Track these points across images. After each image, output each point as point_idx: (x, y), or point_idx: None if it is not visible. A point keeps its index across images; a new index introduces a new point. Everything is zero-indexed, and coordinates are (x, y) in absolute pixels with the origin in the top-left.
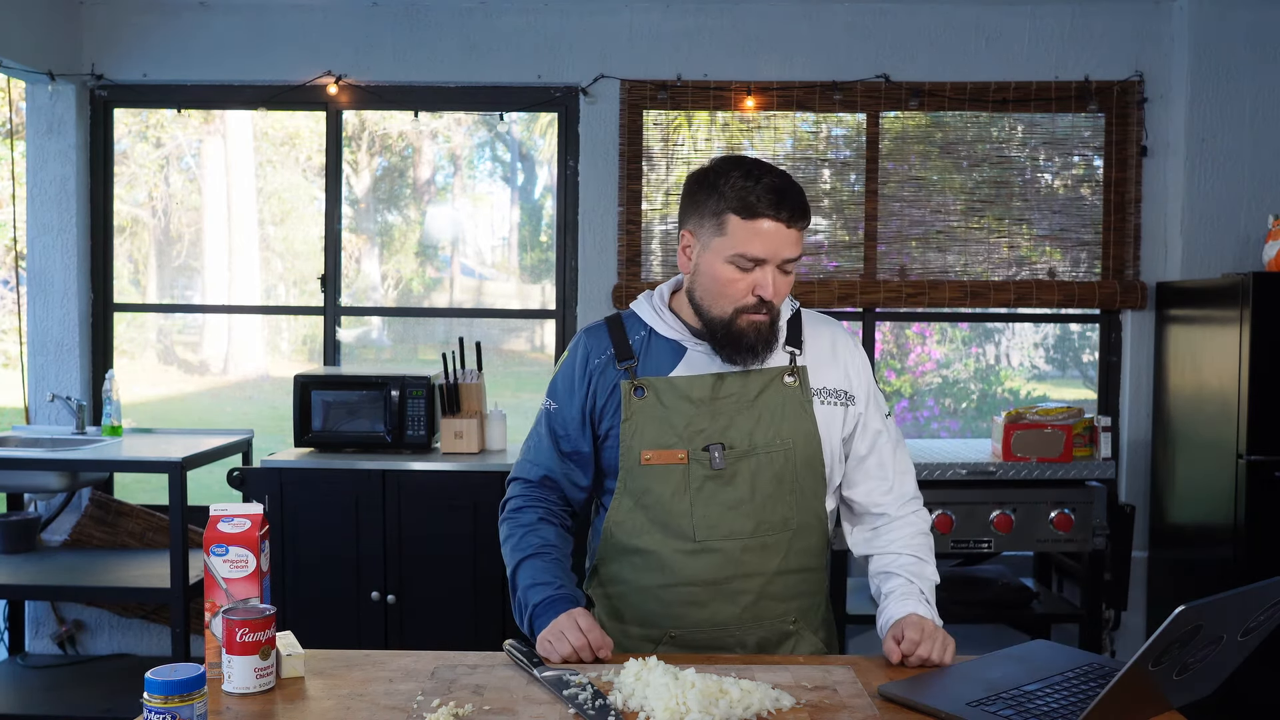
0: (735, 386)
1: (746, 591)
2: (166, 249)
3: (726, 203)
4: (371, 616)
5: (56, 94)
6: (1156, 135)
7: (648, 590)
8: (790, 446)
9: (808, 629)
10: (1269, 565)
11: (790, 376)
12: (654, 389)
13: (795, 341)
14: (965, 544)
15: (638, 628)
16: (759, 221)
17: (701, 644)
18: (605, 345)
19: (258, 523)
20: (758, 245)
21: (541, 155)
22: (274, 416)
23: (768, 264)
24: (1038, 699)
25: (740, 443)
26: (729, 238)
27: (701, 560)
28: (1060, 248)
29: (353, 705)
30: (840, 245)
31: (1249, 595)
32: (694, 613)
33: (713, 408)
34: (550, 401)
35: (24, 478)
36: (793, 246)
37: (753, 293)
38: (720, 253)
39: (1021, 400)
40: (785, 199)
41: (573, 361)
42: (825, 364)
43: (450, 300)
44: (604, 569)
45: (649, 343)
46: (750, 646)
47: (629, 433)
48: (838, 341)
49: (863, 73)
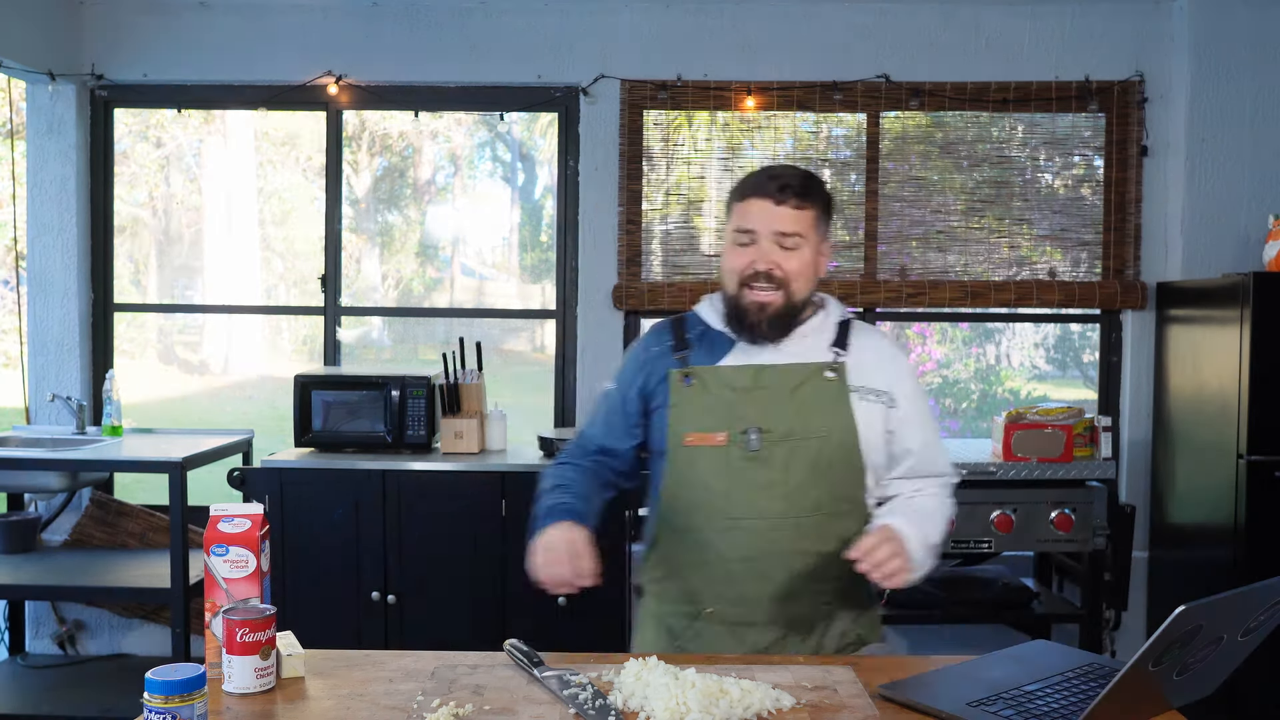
0: (776, 377)
1: (778, 570)
2: (167, 249)
3: (733, 195)
4: (371, 616)
5: (57, 94)
6: (1157, 135)
7: (691, 566)
8: (825, 435)
9: (844, 610)
10: (1269, 565)
11: (831, 372)
12: (700, 377)
13: (842, 344)
14: (965, 544)
15: (681, 605)
16: (749, 201)
17: (735, 619)
18: (666, 337)
19: (258, 523)
20: (748, 219)
21: (542, 155)
22: (274, 416)
23: (759, 235)
24: (1038, 699)
25: (777, 428)
26: (732, 220)
27: (735, 538)
28: (1060, 248)
29: (353, 705)
30: (840, 245)
31: (1249, 595)
32: (729, 589)
33: (753, 395)
34: (610, 383)
35: (24, 478)
36: (786, 221)
37: (751, 265)
38: (729, 236)
39: (1022, 400)
40: (775, 178)
41: (637, 349)
42: (869, 368)
43: (450, 300)
44: (656, 550)
45: (704, 337)
46: (782, 623)
47: (676, 417)
48: (882, 348)
49: (863, 73)
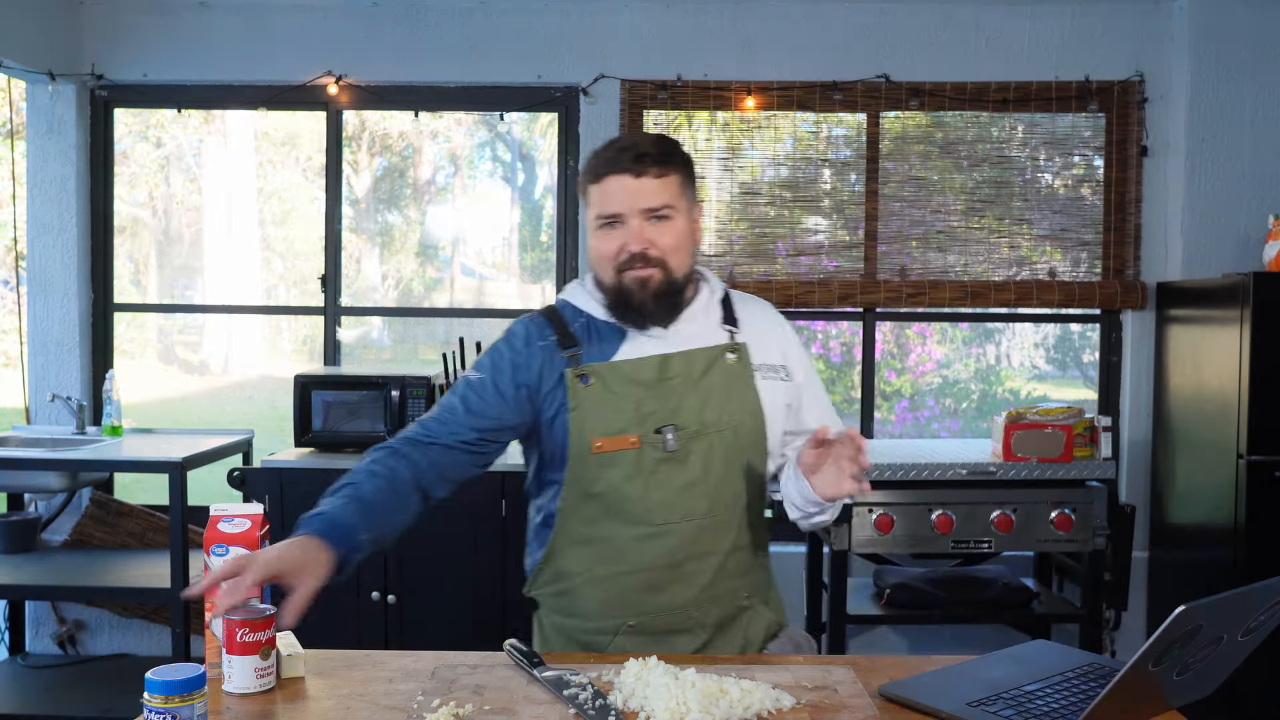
0: (681, 366)
1: (703, 571)
2: (167, 249)
3: (585, 176)
4: (371, 616)
5: (57, 94)
6: (1157, 135)
7: (601, 580)
8: (738, 423)
9: (760, 603)
10: (1269, 565)
11: (732, 354)
12: (599, 375)
13: (731, 320)
14: (965, 544)
15: (593, 621)
16: (605, 180)
17: (661, 629)
18: (549, 331)
19: (258, 523)
20: (609, 201)
21: (542, 155)
22: (274, 416)
23: (627, 218)
24: (1038, 699)
25: (691, 422)
26: (592, 205)
27: (659, 544)
28: (1060, 248)
29: (353, 705)
30: (840, 245)
31: (1249, 595)
32: (652, 598)
33: (661, 389)
34: (473, 372)
35: (24, 478)
36: (651, 195)
37: (623, 249)
38: (592, 222)
39: (1022, 400)
40: (628, 151)
41: (510, 340)
42: (761, 340)
43: (450, 300)
44: (552, 565)
45: (590, 329)
46: (709, 626)
47: (578, 422)
48: (768, 318)
49: (863, 73)
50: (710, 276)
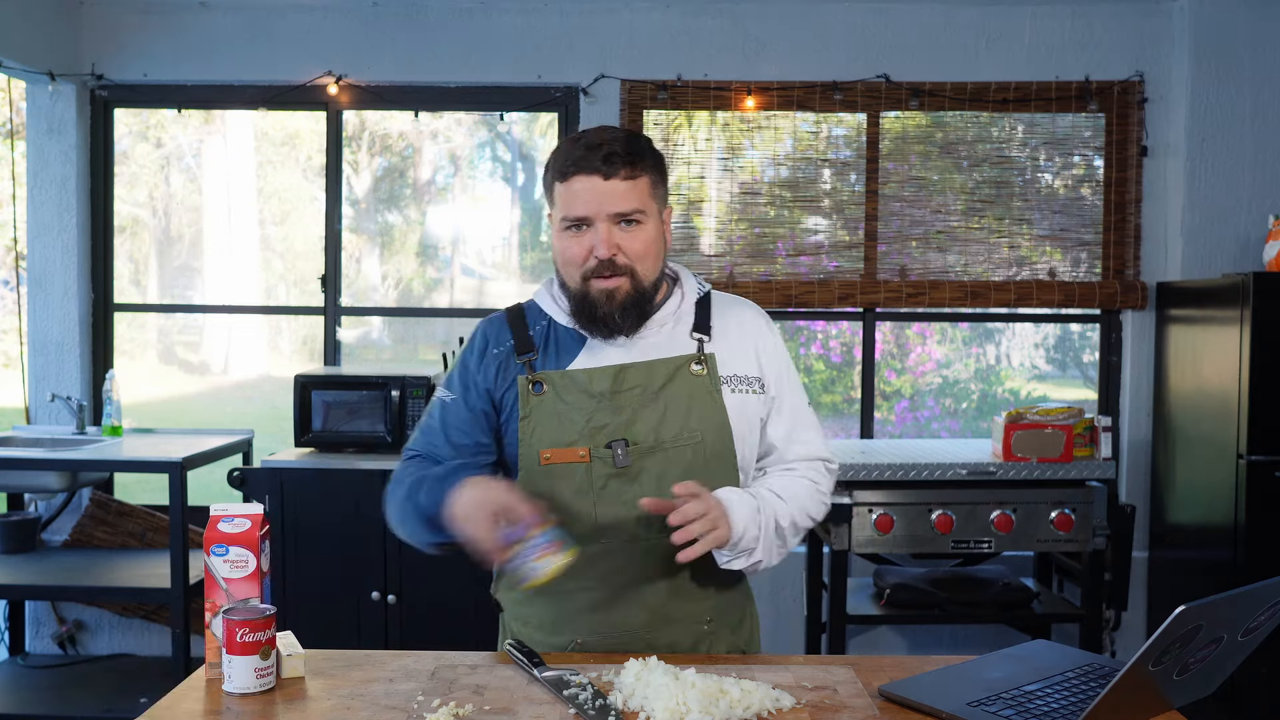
0: (639, 378)
1: (655, 594)
2: (167, 249)
3: (551, 173)
4: (371, 616)
5: (57, 94)
6: (1156, 135)
7: (553, 594)
8: (699, 440)
9: (724, 628)
10: (1269, 565)
11: (697, 365)
12: (552, 383)
13: (704, 327)
14: (965, 544)
15: (547, 634)
16: (572, 179)
17: (611, 649)
18: (506, 336)
19: (258, 523)
20: (577, 203)
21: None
22: (274, 416)
23: (595, 221)
24: (1038, 699)
25: (645, 438)
26: (557, 206)
27: (605, 563)
28: (1060, 248)
29: (353, 705)
30: (840, 245)
31: (1249, 595)
32: (601, 618)
33: (615, 401)
34: (445, 392)
35: (24, 478)
36: (620, 199)
37: (590, 254)
38: (557, 223)
39: (1022, 400)
40: (597, 150)
41: (471, 351)
42: (734, 349)
43: (451, 300)
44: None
45: (550, 333)
46: (660, 649)
47: (527, 431)
48: (745, 323)
49: (863, 73)
50: (687, 277)
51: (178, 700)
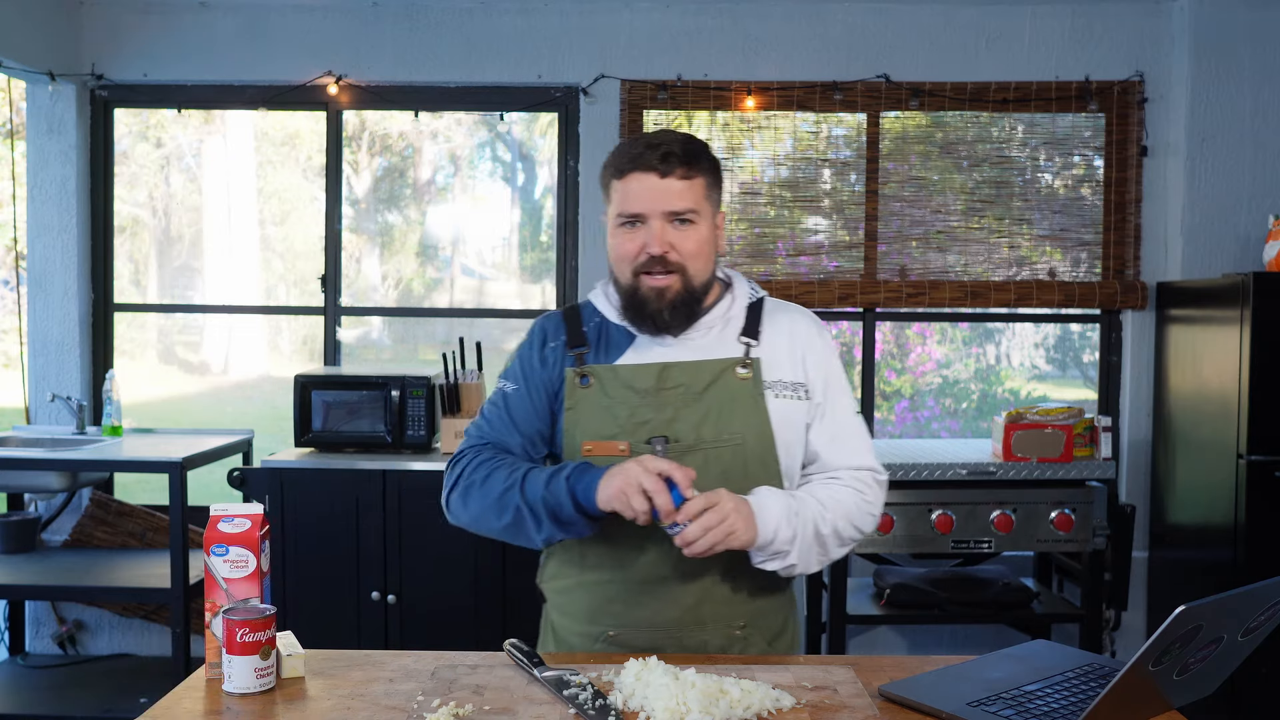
0: (683, 377)
1: (687, 593)
2: (167, 249)
3: (609, 171)
4: (371, 616)
5: (57, 94)
6: (1156, 135)
7: (589, 586)
8: (740, 442)
9: (759, 636)
10: (1269, 565)
11: (743, 368)
12: (598, 377)
13: (752, 332)
14: (965, 544)
15: (581, 624)
16: (630, 177)
17: (641, 645)
18: (560, 331)
19: (258, 523)
20: (632, 201)
21: (542, 155)
22: (274, 416)
23: (649, 218)
24: (1038, 699)
25: (686, 436)
26: (613, 202)
27: (640, 558)
28: (1060, 248)
29: (353, 705)
30: (840, 245)
31: (1249, 595)
32: (634, 612)
33: (658, 398)
34: (507, 383)
35: (24, 478)
36: (676, 198)
37: (643, 250)
38: (612, 220)
39: (1022, 400)
40: (655, 149)
41: (530, 344)
42: (782, 355)
43: (451, 300)
44: (553, 561)
45: (602, 330)
46: (691, 649)
47: (571, 422)
48: (796, 329)
49: (863, 73)
50: (740, 282)
51: (178, 700)
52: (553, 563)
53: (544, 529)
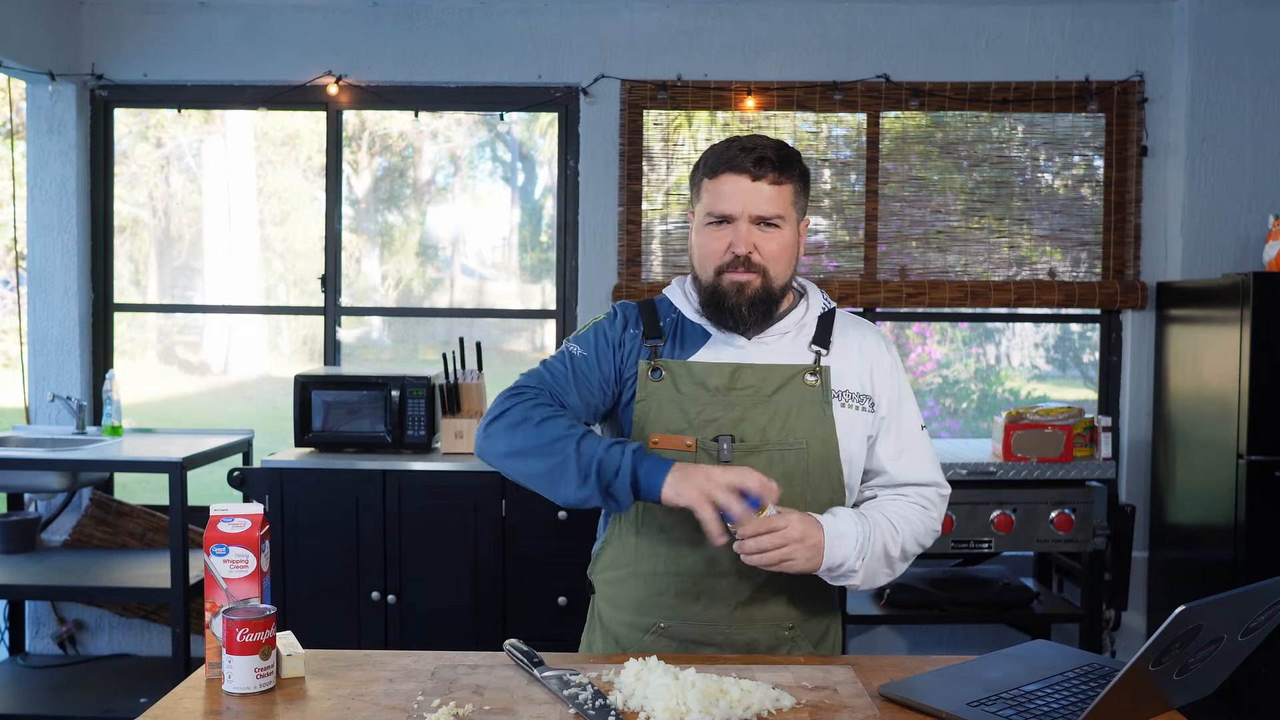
0: (753, 379)
1: (740, 589)
2: (167, 249)
3: (702, 170)
4: (371, 616)
5: (57, 94)
6: (1156, 135)
7: (644, 577)
8: (804, 446)
9: (805, 639)
10: (1269, 565)
11: (812, 376)
12: (671, 372)
13: (823, 341)
14: (965, 544)
15: (632, 615)
16: (721, 177)
17: (690, 638)
18: (638, 320)
19: (258, 523)
20: (722, 201)
21: (542, 155)
22: (274, 416)
23: (737, 219)
24: (1038, 699)
25: (752, 437)
26: (703, 201)
27: (698, 552)
28: (1060, 248)
29: (353, 705)
30: (840, 245)
31: (1249, 595)
32: (686, 605)
33: (728, 398)
34: (576, 347)
35: (24, 478)
36: (765, 201)
37: (729, 250)
38: (700, 218)
39: (1022, 400)
40: (749, 153)
41: (611, 322)
42: (851, 366)
43: (451, 300)
44: (607, 552)
45: (678, 326)
46: (739, 647)
47: (641, 414)
48: (865, 342)
49: (863, 73)
50: (814, 293)
51: (178, 700)
52: (607, 554)
53: (585, 489)
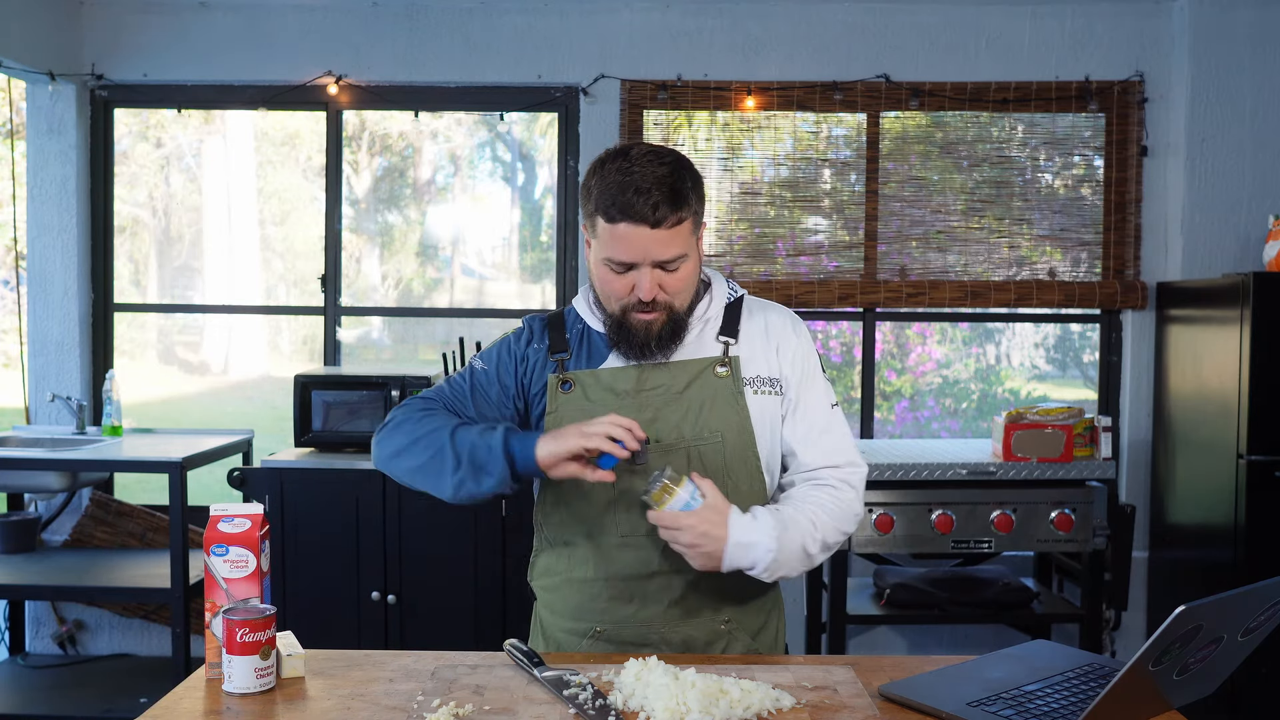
0: (663, 378)
1: (671, 588)
2: (167, 249)
3: (594, 203)
4: (371, 616)
5: (57, 94)
6: (1156, 135)
7: (577, 583)
8: (720, 440)
9: (743, 631)
10: (1269, 565)
11: (722, 367)
12: (580, 382)
13: (731, 331)
14: (965, 544)
15: (569, 620)
16: (617, 225)
17: (627, 640)
18: (544, 336)
19: (258, 523)
20: (621, 249)
21: (542, 155)
22: (274, 416)
23: (640, 266)
24: (1038, 699)
25: (667, 435)
26: (599, 240)
27: (625, 555)
28: (1060, 248)
29: (353, 705)
30: (840, 245)
31: (1249, 595)
32: (619, 608)
33: (638, 400)
34: (479, 362)
35: (24, 478)
36: (664, 247)
37: (633, 292)
38: (597, 254)
39: (1022, 400)
40: (643, 198)
41: (518, 337)
42: (759, 351)
43: (451, 300)
44: (541, 559)
45: (584, 337)
46: (676, 645)
47: (554, 425)
48: (771, 326)
49: (863, 73)
50: (718, 282)
51: (178, 700)
52: (541, 561)
53: (459, 473)
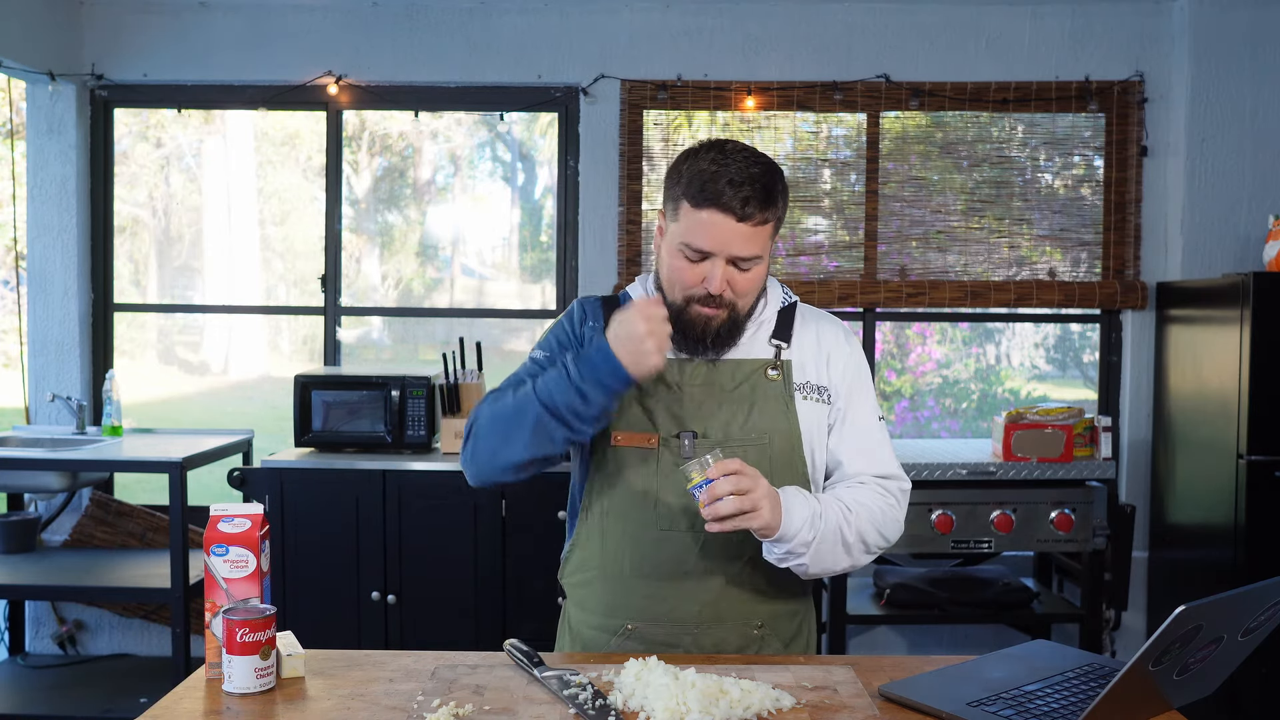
0: (715, 375)
1: (708, 588)
2: (167, 249)
3: (682, 187)
4: (371, 616)
5: (57, 94)
6: (1156, 135)
7: (611, 579)
8: (766, 441)
9: (775, 638)
10: (1269, 565)
11: (773, 370)
12: None
13: (784, 335)
14: (965, 544)
15: (600, 617)
16: (703, 211)
17: (658, 640)
18: (599, 314)
19: (258, 523)
20: (702, 236)
21: (542, 155)
22: (274, 416)
23: (715, 257)
24: (1038, 699)
25: (715, 433)
26: (680, 224)
27: (664, 550)
28: (1060, 248)
29: (353, 705)
30: (840, 245)
31: (1249, 595)
32: (653, 606)
33: (689, 394)
34: (539, 352)
35: (24, 478)
36: (744, 243)
37: (702, 283)
38: (673, 239)
39: (1022, 400)
40: (737, 189)
41: (570, 319)
42: (809, 358)
43: (451, 300)
44: (577, 553)
45: None
46: (706, 648)
47: None
48: (823, 335)
49: (863, 73)
50: (774, 287)
51: (178, 700)
52: (575, 557)
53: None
